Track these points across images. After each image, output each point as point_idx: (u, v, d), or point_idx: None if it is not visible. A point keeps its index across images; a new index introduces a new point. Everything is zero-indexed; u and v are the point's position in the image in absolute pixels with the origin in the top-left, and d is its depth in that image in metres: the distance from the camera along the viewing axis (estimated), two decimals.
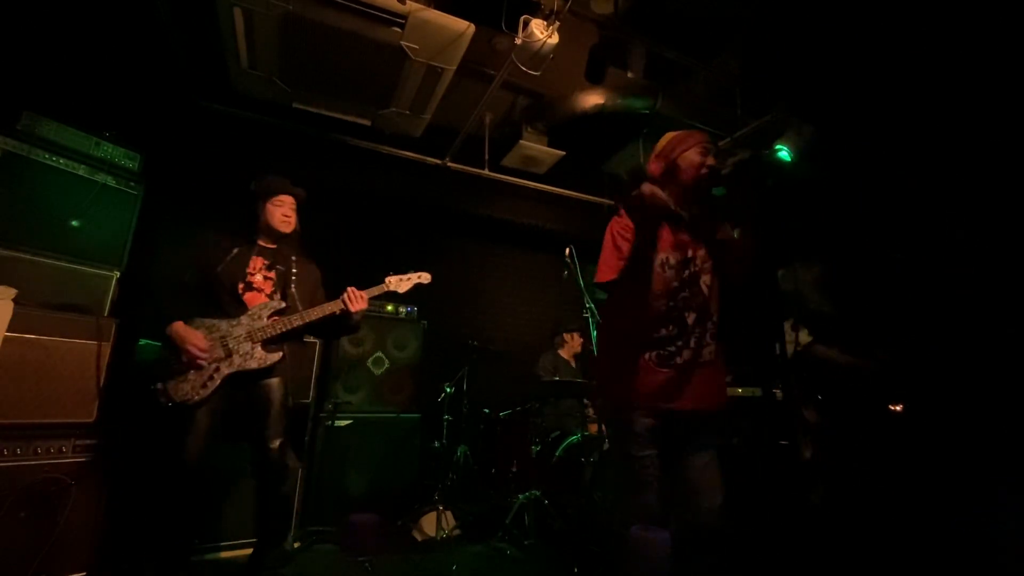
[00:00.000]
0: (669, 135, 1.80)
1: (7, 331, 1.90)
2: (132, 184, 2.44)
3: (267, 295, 2.18)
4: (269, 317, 2.14)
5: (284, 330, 2.13)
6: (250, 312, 2.12)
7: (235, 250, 2.15)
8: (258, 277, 2.18)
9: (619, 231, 1.72)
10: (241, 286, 2.13)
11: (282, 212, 2.26)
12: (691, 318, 1.66)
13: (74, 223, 2.24)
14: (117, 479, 2.16)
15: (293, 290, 2.23)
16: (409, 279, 2.50)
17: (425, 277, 2.53)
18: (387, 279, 2.46)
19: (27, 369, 1.96)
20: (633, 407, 1.63)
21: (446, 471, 3.29)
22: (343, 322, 2.28)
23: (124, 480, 2.19)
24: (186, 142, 3.36)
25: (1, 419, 1.88)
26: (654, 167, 1.77)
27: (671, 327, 1.65)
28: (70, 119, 2.28)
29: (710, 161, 1.69)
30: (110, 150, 2.39)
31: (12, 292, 1.93)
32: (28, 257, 2.08)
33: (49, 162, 2.18)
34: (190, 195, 3.39)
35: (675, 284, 1.67)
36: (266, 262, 2.22)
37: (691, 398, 1.63)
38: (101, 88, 2.90)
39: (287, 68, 2.85)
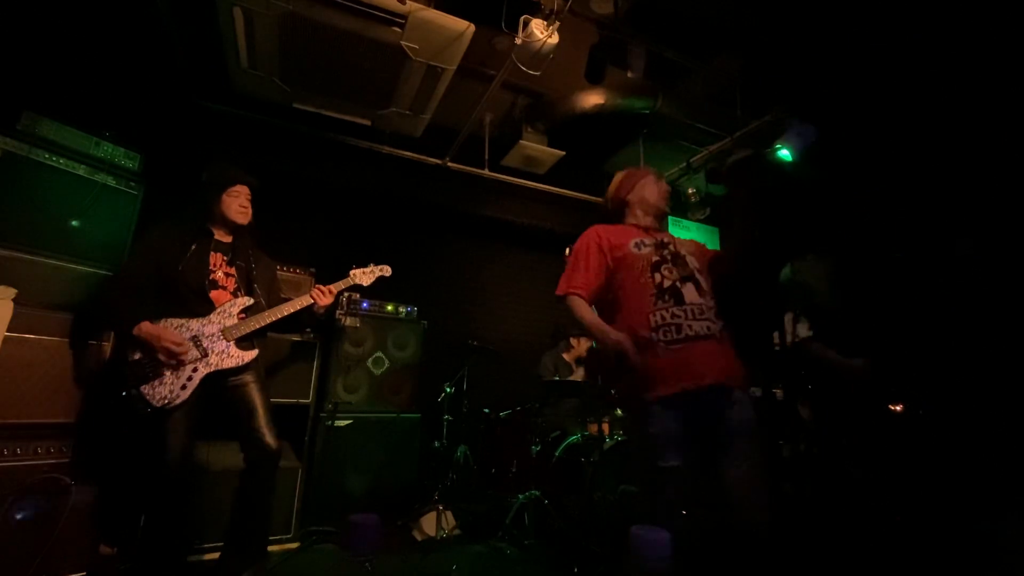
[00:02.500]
0: (619, 174, 2.00)
1: (7, 331, 1.90)
2: (132, 184, 2.44)
3: (231, 292, 2.16)
4: (239, 314, 2.14)
5: (258, 327, 2.14)
6: (219, 310, 2.10)
7: (192, 245, 2.11)
8: (219, 274, 2.15)
9: (590, 242, 1.84)
10: (206, 284, 2.10)
11: (239, 203, 2.21)
12: (686, 289, 1.65)
13: (74, 223, 2.24)
14: (116, 479, 2.16)
15: (256, 286, 2.24)
16: (372, 272, 2.50)
17: (386, 270, 2.54)
18: (351, 272, 2.46)
19: (27, 369, 1.96)
20: (653, 398, 1.56)
21: (446, 471, 3.29)
22: (312, 316, 2.31)
23: (123, 480, 2.19)
24: (186, 142, 3.35)
25: (1, 419, 1.89)
26: (614, 200, 1.96)
27: (668, 298, 1.63)
28: (70, 119, 2.27)
29: (664, 187, 1.92)
30: (110, 150, 2.38)
31: (12, 292, 1.93)
32: (28, 257, 2.07)
33: (49, 162, 2.18)
34: (190, 195, 3.39)
35: (656, 258, 1.69)
36: (225, 257, 2.19)
37: (711, 371, 1.55)
38: (101, 88, 2.90)
39: (287, 68, 2.84)
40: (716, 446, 1.57)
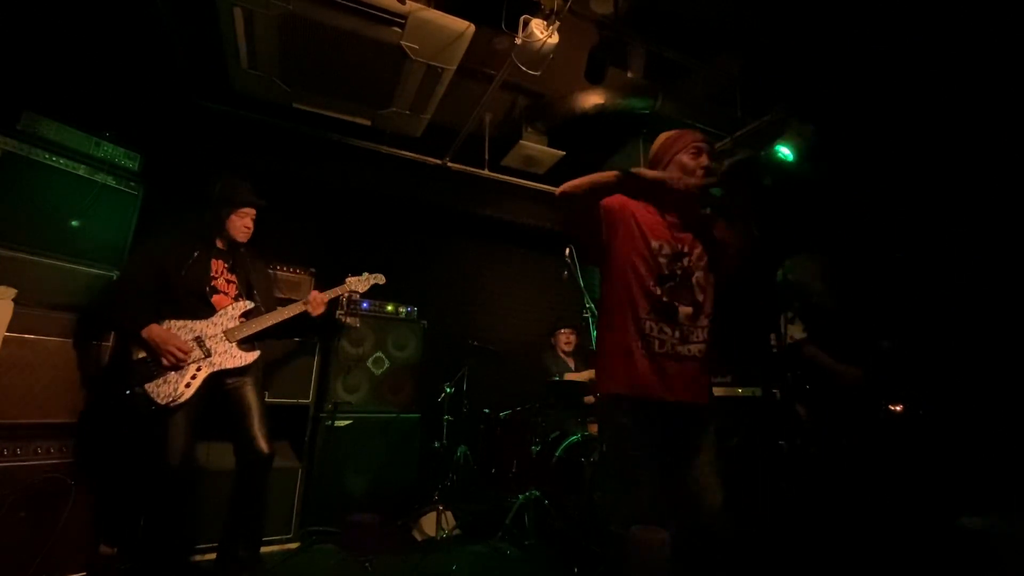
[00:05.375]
0: (663, 136, 1.79)
1: (7, 331, 1.91)
2: (132, 184, 2.44)
3: (232, 297, 2.23)
4: (240, 317, 2.19)
5: (259, 329, 2.21)
6: (221, 312, 2.16)
7: (195, 253, 2.18)
8: (221, 280, 2.23)
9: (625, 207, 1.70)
10: (207, 289, 2.16)
11: (244, 223, 2.29)
12: (682, 310, 1.64)
13: (74, 223, 2.24)
14: (117, 479, 2.17)
15: (256, 292, 2.31)
16: (367, 280, 2.59)
17: (380, 278, 2.63)
18: (347, 280, 2.55)
19: (27, 369, 1.96)
20: (625, 400, 1.61)
21: (446, 471, 3.29)
22: (308, 321, 2.36)
23: (124, 479, 2.19)
24: (186, 142, 3.35)
25: (1, 419, 1.89)
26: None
27: (661, 314, 1.63)
28: (70, 119, 2.27)
29: (703, 162, 1.67)
30: (110, 150, 2.38)
31: (12, 292, 1.93)
32: (28, 257, 2.08)
33: (49, 162, 2.18)
34: (190, 195, 3.39)
35: (665, 272, 1.66)
36: (226, 265, 2.27)
37: (681, 390, 1.60)
38: (101, 88, 2.90)
39: (287, 68, 2.84)
40: (676, 442, 1.63)
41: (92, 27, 2.81)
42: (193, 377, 2.02)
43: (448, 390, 3.38)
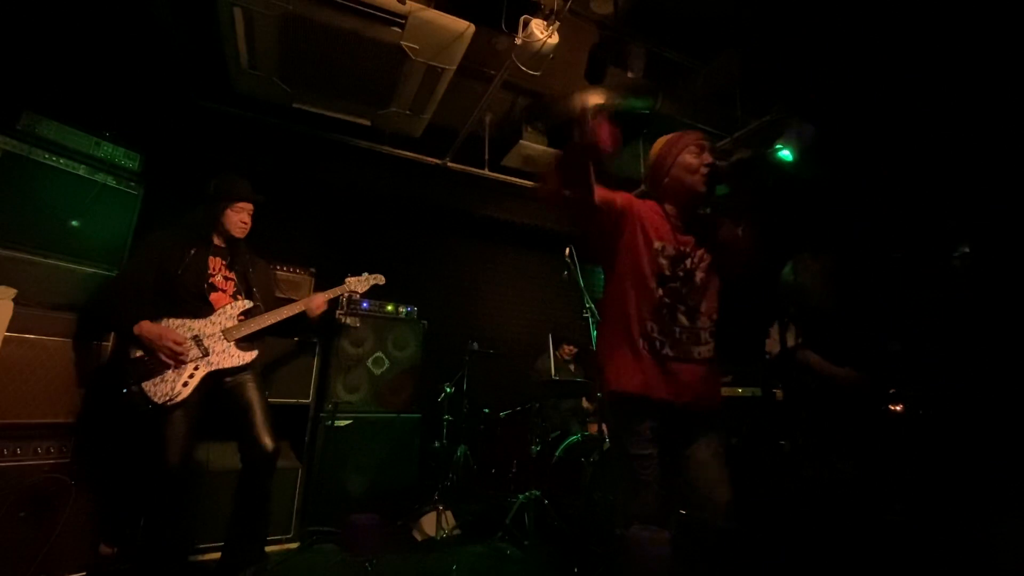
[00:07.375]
0: (661, 140, 1.78)
1: (7, 331, 1.91)
2: (132, 184, 2.44)
3: (230, 295, 2.21)
4: (238, 316, 2.18)
5: (258, 328, 2.19)
6: (219, 311, 2.14)
7: (192, 251, 2.16)
8: (219, 278, 2.20)
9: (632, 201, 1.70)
10: (205, 287, 2.14)
11: (240, 219, 2.26)
12: (683, 311, 1.64)
13: (74, 223, 2.24)
14: (116, 479, 2.17)
15: (255, 290, 2.28)
16: (367, 280, 2.60)
17: (380, 279, 2.64)
18: (346, 280, 2.55)
19: (27, 369, 1.96)
20: (630, 402, 1.60)
21: (446, 471, 3.29)
22: (306, 321, 2.36)
23: (124, 479, 2.19)
24: (186, 142, 3.35)
25: (1, 419, 1.89)
26: (651, 177, 1.78)
27: (664, 313, 1.63)
28: (70, 119, 2.27)
29: (707, 159, 1.68)
30: (110, 150, 2.39)
31: (12, 292, 1.93)
32: (28, 257, 2.08)
33: (49, 162, 2.18)
34: (190, 195, 3.39)
35: (667, 272, 1.65)
36: (224, 262, 2.24)
37: (687, 392, 1.59)
38: (101, 88, 2.90)
39: (287, 68, 2.84)
40: (682, 440, 1.62)
41: (92, 27, 2.81)
42: (191, 376, 2.01)
43: (448, 390, 3.38)
